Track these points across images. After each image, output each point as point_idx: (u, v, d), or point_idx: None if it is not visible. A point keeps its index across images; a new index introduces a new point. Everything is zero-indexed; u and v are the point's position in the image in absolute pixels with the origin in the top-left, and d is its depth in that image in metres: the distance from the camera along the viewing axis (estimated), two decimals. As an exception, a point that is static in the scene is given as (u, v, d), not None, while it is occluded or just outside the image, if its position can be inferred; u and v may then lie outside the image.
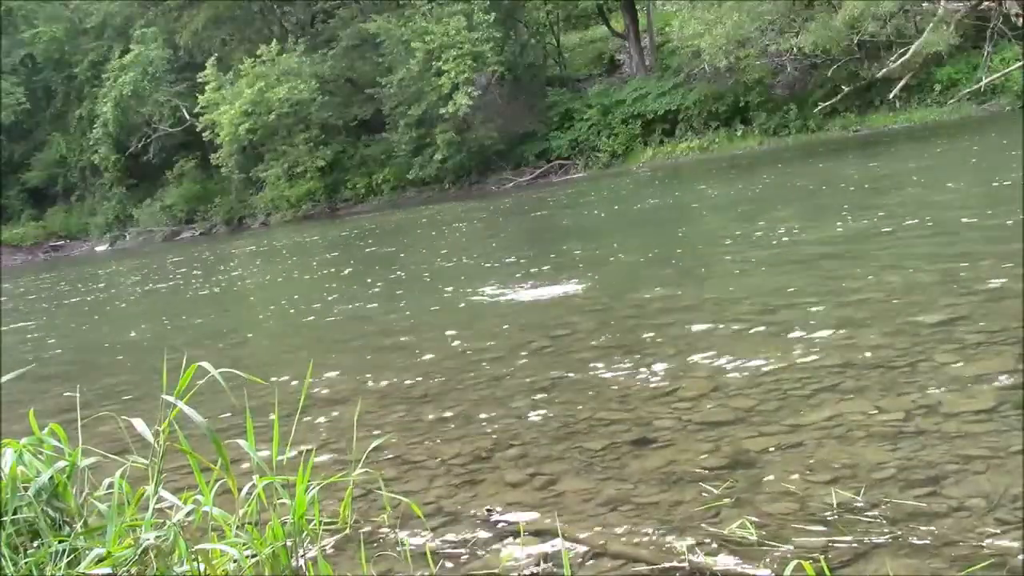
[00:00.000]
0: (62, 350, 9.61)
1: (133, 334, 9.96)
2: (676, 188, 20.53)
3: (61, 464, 2.75)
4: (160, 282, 17.77)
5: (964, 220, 8.32)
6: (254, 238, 30.48)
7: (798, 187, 14.97)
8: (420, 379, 5.24)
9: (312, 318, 8.97)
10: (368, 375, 5.57)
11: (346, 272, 13.66)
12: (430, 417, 4.37)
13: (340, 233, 24.24)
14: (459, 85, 31.32)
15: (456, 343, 6.22)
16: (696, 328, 5.41)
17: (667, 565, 2.50)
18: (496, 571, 2.61)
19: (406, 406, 4.67)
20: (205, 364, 2.75)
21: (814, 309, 5.46)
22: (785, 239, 9.03)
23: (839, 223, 9.44)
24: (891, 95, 26.00)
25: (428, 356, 5.88)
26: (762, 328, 5.14)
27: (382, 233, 21.11)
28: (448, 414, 4.38)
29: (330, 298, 10.28)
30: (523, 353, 5.49)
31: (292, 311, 9.91)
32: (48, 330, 11.82)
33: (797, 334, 4.82)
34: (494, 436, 3.92)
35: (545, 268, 9.85)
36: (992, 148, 16.04)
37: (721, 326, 5.36)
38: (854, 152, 20.53)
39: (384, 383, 5.30)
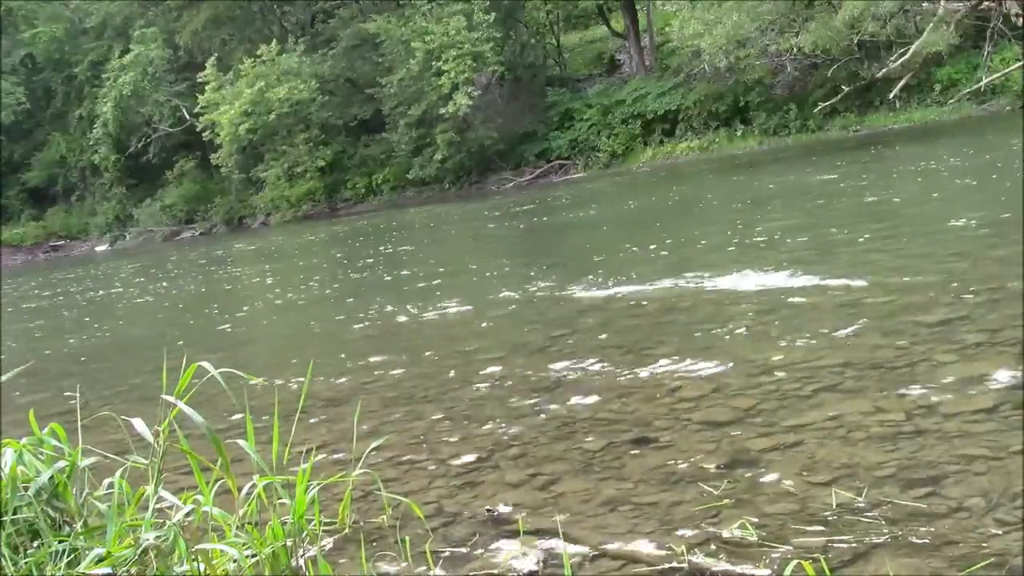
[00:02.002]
0: (62, 350, 9.61)
1: (133, 334, 9.96)
2: (677, 188, 20.53)
3: (61, 464, 2.75)
4: (160, 282, 17.77)
5: (964, 220, 8.32)
6: (254, 238, 30.49)
7: (798, 188, 14.97)
8: (420, 379, 5.24)
9: (312, 318, 8.97)
10: (368, 375, 5.57)
11: (346, 272, 13.66)
12: (430, 417, 4.37)
13: (340, 233, 24.24)
14: (459, 85, 31.32)
15: (456, 343, 6.22)
16: (696, 328, 5.42)
17: (667, 565, 2.50)
18: (496, 571, 2.61)
19: (406, 406, 4.67)
20: (205, 364, 2.75)
21: (814, 309, 5.46)
22: (786, 239, 9.03)
23: (839, 223, 9.44)
24: (891, 95, 26.00)
25: (428, 356, 5.88)
26: (762, 328, 5.14)
27: (382, 233, 21.11)
28: (448, 414, 4.38)
29: (331, 298, 10.29)
30: (523, 353, 5.49)
31: (292, 311, 9.91)
32: (48, 330, 11.82)
33: (797, 334, 4.82)
34: (494, 436, 3.92)
35: (545, 269, 9.85)
36: (992, 148, 16.04)
37: (721, 326, 5.36)
38: (855, 152, 20.52)
39: (384, 383, 5.30)
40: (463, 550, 2.80)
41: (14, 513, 2.60)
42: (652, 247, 9.89)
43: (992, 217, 8.25)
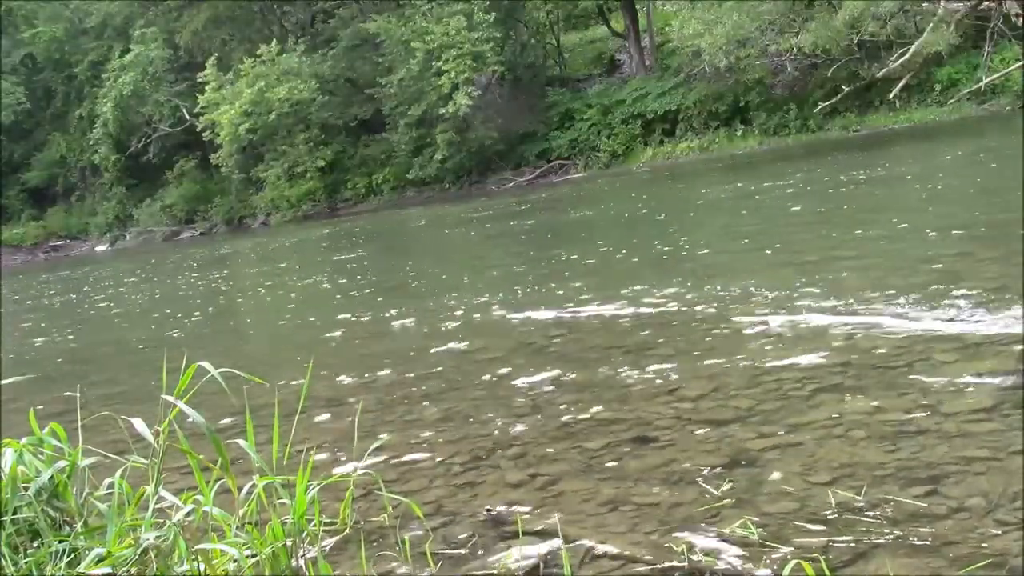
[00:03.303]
0: (62, 350, 9.61)
1: (133, 334, 9.96)
2: (678, 187, 20.53)
3: (61, 464, 2.75)
4: (160, 282, 17.77)
5: (964, 219, 8.32)
6: (254, 238, 30.49)
7: (798, 188, 14.96)
8: (420, 379, 5.24)
9: (312, 318, 8.96)
10: (368, 375, 5.57)
11: (346, 272, 13.66)
12: (430, 417, 4.37)
13: (340, 233, 24.24)
14: (459, 85, 31.33)
15: (456, 343, 6.22)
16: (696, 327, 5.42)
17: (667, 565, 2.50)
18: (496, 571, 2.61)
19: (406, 406, 4.67)
20: (205, 364, 2.75)
21: (814, 309, 5.45)
22: (784, 240, 9.03)
23: (838, 223, 9.44)
24: (891, 95, 26.01)
25: (428, 356, 5.88)
26: (762, 328, 5.14)
27: (383, 233, 21.12)
28: (448, 414, 4.38)
29: (331, 299, 10.29)
30: (523, 353, 5.49)
31: (292, 311, 9.91)
32: (48, 330, 11.82)
33: (797, 334, 4.82)
34: (494, 436, 3.92)
35: (545, 269, 9.85)
36: (992, 148, 16.04)
37: (721, 326, 5.36)
38: (855, 152, 20.52)
39: (384, 383, 5.30)
40: (463, 550, 2.79)
41: (14, 513, 2.60)
42: (656, 250, 9.86)
43: (992, 217, 8.25)
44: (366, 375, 5.57)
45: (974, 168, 13.50)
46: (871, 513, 2.63)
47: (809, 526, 2.61)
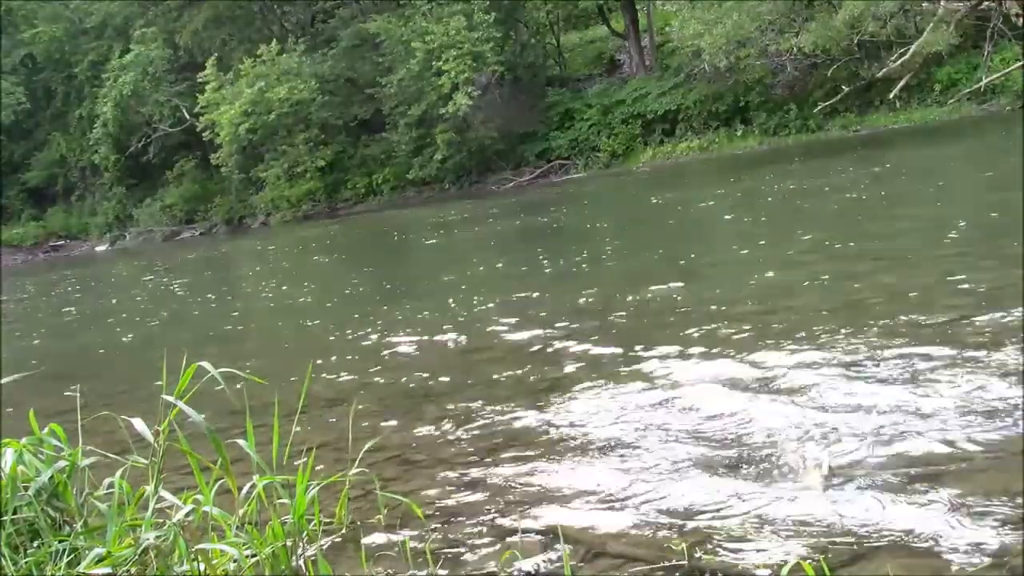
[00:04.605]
0: (62, 350, 9.61)
1: (133, 334, 9.96)
2: (678, 187, 20.53)
3: (61, 464, 2.75)
4: (160, 282, 17.77)
5: (963, 219, 8.32)
6: (254, 238, 30.49)
7: (798, 189, 14.97)
8: (420, 379, 5.24)
9: (312, 318, 8.97)
10: (368, 375, 5.57)
11: (345, 272, 13.66)
12: (430, 417, 4.37)
13: (340, 233, 24.25)
14: (459, 85, 31.31)
15: (456, 343, 6.22)
16: (696, 328, 5.41)
17: (667, 564, 2.50)
18: (496, 571, 2.61)
19: (406, 406, 4.67)
20: (205, 364, 2.75)
21: (814, 309, 5.46)
22: (785, 239, 9.03)
23: (837, 224, 9.44)
24: (891, 95, 25.99)
25: (428, 356, 5.88)
26: (762, 328, 5.14)
27: (383, 233, 21.12)
28: (448, 414, 4.38)
29: (330, 299, 10.29)
30: (523, 353, 5.49)
31: (292, 311, 9.91)
32: (47, 330, 11.82)
33: (797, 334, 4.82)
34: (494, 436, 3.92)
35: (546, 269, 9.85)
36: (992, 147, 16.04)
37: (721, 326, 5.36)
38: (856, 152, 20.51)
39: (384, 383, 5.30)
40: (463, 550, 2.79)
41: (14, 513, 2.60)
42: (655, 250, 9.85)
43: (992, 216, 8.25)
44: (366, 375, 5.57)
45: (974, 168, 13.50)
46: (871, 513, 2.62)
47: (809, 526, 2.61)
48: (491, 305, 7.65)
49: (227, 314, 11.11)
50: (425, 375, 5.31)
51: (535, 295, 7.89)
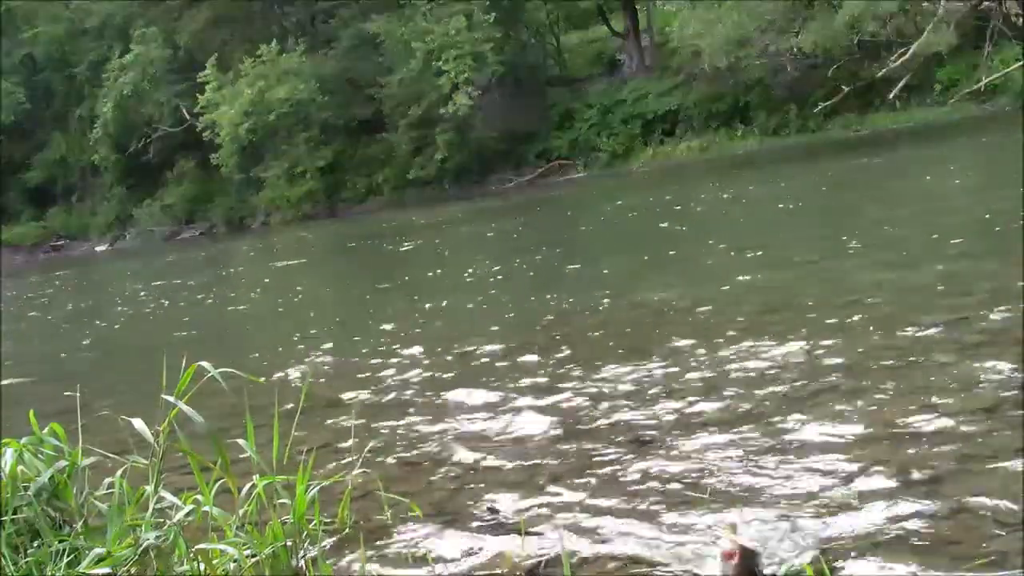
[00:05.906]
0: (62, 350, 9.61)
1: (132, 334, 9.96)
2: (679, 187, 20.54)
3: (61, 464, 2.75)
4: (160, 282, 17.77)
5: (963, 219, 8.32)
6: (254, 238, 30.49)
7: (798, 190, 14.98)
8: (420, 379, 5.24)
9: (311, 318, 8.97)
10: (369, 375, 5.57)
11: (345, 272, 13.67)
12: (430, 417, 4.37)
13: (340, 233, 24.25)
14: (459, 85, 31.33)
15: (456, 343, 6.22)
16: (696, 328, 5.41)
17: (667, 564, 2.49)
18: (496, 571, 2.61)
19: (406, 406, 4.67)
20: (205, 364, 2.75)
21: (814, 309, 5.46)
22: (785, 239, 9.03)
23: (837, 224, 9.44)
24: (891, 95, 25.99)
25: (428, 356, 5.88)
26: (762, 328, 5.14)
27: (383, 233, 21.12)
28: (448, 414, 4.38)
29: (330, 298, 10.29)
30: (523, 353, 5.49)
31: (291, 311, 9.91)
32: (47, 330, 11.82)
33: (797, 334, 4.82)
34: (494, 436, 3.92)
35: (547, 269, 9.85)
36: (992, 147, 16.03)
37: (721, 326, 5.35)
38: (857, 152, 20.51)
39: (384, 383, 5.30)
40: (463, 550, 2.79)
41: (14, 513, 2.59)
42: (656, 251, 9.85)
43: (991, 216, 8.24)
44: (367, 375, 5.57)
45: (974, 168, 13.51)
46: (871, 513, 2.62)
47: (809, 526, 2.61)
48: (491, 305, 7.66)
49: (227, 314, 11.12)
50: (425, 375, 5.31)
51: (532, 298, 7.90)
